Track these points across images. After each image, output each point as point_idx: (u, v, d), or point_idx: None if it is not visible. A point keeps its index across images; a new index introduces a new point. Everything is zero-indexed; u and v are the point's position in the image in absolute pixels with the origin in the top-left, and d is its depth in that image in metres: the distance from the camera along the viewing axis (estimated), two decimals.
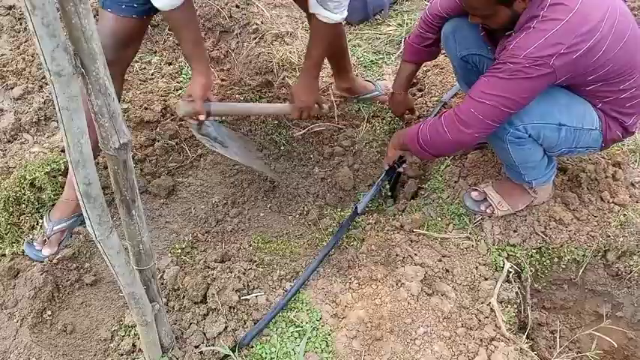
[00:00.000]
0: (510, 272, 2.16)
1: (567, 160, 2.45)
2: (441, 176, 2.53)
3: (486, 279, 2.13)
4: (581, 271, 2.29)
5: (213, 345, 1.86)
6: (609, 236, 2.25)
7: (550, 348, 2.27)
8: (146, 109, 2.64)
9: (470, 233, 2.29)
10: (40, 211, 2.26)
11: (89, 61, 1.04)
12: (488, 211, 2.31)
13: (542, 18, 1.75)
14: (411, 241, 2.26)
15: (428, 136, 2.04)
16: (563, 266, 2.28)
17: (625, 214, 2.28)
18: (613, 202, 2.33)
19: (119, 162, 1.22)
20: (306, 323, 1.92)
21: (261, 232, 2.44)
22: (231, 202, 2.51)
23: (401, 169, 2.48)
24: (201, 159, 2.61)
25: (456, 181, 2.50)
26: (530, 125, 1.94)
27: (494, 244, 2.25)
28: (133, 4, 1.98)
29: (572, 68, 1.78)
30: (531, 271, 2.25)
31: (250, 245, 2.30)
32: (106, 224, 1.29)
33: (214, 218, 2.33)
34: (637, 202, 2.34)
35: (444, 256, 2.20)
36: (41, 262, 2.12)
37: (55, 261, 2.12)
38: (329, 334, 1.90)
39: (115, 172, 1.26)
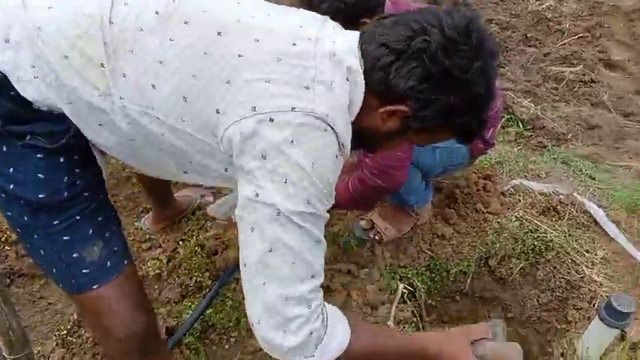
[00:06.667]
0: (405, 292, 2.24)
1: (442, 180, 2.62)
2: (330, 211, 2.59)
3: (383, 303, 2.19)
4: (469, 280, 2.43)
5: None
6: (487, 244, 2.41)
7: None
8: None
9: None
10: None
11: None
12: (377, 237, 2.40)
13: None
14: None
15: (362, 196, 2.09)
16: (452, 279, 2.41)
17: (499, 222, 2.46)
18: (487, 212, 2.51)
19: None
20: None
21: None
22: None
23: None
24: None
25: (344, 214, 2.58)
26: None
27: (386, 268, 2.33)
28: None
29: None
30: (424, 288, 2.35)
31: None
32: None
33: None
34: (508, 209, 2.53)
35: (341, 285, 2.24)
36: None
37: None
38: None
39: None
